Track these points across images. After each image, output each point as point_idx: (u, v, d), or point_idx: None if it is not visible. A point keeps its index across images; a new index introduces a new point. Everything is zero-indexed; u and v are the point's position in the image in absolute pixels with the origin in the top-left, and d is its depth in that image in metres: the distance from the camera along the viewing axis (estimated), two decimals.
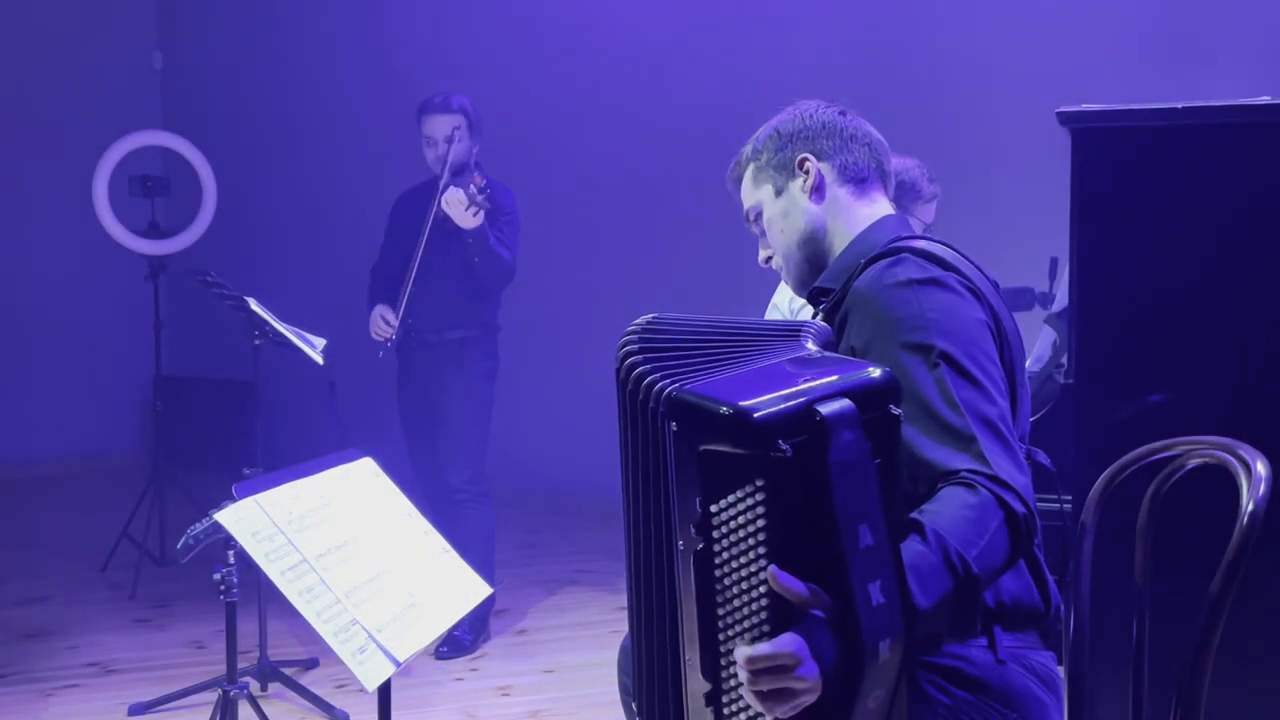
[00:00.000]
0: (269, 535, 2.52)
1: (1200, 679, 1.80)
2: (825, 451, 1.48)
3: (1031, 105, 4.40)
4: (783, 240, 2.12)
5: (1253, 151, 2.72)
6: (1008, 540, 1.67)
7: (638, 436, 1.68)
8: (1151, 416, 2.75)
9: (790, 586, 1.47)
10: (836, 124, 2.12)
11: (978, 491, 1.67)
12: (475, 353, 4.61)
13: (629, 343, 1.72)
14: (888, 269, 1.91)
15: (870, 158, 2.12)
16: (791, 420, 1.49)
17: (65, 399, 7.59)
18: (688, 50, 6.15)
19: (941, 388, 1.76)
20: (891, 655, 1.50)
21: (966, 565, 1.60)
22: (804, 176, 2.09)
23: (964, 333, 1.83)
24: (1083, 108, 2.81)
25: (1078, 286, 2.85)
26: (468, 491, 4.59)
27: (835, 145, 2.10)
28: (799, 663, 1.46)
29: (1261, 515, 1.79)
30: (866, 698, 1.50)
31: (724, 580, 1.54)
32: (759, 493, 1.49)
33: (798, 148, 2.10)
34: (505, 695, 4.23)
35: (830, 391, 1.53)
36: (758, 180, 2.14)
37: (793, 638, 1.47)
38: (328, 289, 6.84)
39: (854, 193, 2.09)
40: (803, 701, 1.48)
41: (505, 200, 4.56)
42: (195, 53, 7.93)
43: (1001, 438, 1.75)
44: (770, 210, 2.12)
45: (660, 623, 1.69)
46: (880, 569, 1.50)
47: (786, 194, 2.10)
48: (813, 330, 1.78)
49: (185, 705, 4.01)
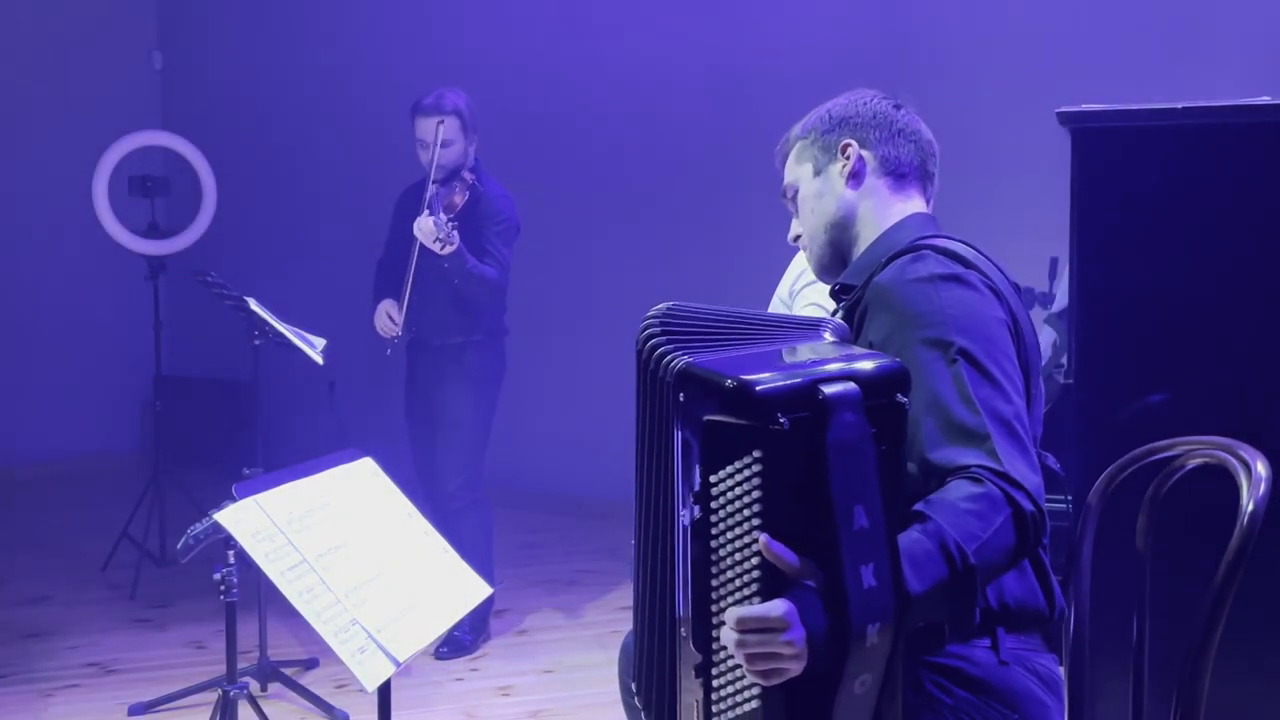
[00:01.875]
0: (269, 535, 2.52)
1: (1200, 679, 1.80)
2: (825, 430, 1.50)
3: (1031, 105, 4.40)
4: (812, 220, 2.13)
5: (1253, 151, 2.71)
6: (1013, 537, 1.67)
7: (651, 408, 1.75)
8: (1151, 416, 2.75)
9: (781, 554, 1.49)
10: (888, 116, 2.13)
11: (984, 486, 1.67)
12: (476, 357, 4.57)
13: (651, 324, 1.77)
14: (909, 264, 1.91)
15: (915, 155, 2.13)
16: (794, 396, 1.52)
17: (65, 399, 7.59)
18: (689, 49, 6.15)
19: (958, 384, 1.77)
20: (880, 640, 1.51)
21: (964, 555, 1.60)
22: (844, 161, 2.10)
23: (983, 330, 1.83)
24: (1083, 108, 2.81)
25: (1078, 286, 2.85)
26: (460, 499, 4.55)
27: (881, 136, 2.11)
28: (787, 626, 1.48)
29: (1261, 515, 1.79)
30: (852, 681, 1.51)
31: (719, 551, 1.58)
32: (756, 464, 1.52)
33: (844, 132, 2.12)
34: (505, 695, 4.23)
35: (836, 374, 1.56)
36: (800, 157, 2.16)
37: (783, 602, 1.49)
38: (328, 289, 6.84)
39: (891, 186, 2.10)
40: (789, 670, 1.50)
41: (499, 206, 4.51)
42: (195, 53, 7.93)
43: (1016, 436, 1.75)
44: (806, 188, 2.14)
45: (661, 595, 1.73)
46: (874, 552, 1.51)
47: (825, 175, 2.11)
48: (831, 325, 1.82)
49: (185, 705, 4.01)
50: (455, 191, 4.43)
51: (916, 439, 1.75)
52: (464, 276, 4.35)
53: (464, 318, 4.53)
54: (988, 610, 1.86)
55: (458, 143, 4.45)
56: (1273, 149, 2.70)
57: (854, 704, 1.53)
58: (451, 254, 4.24)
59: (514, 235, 4.57)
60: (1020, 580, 1.90)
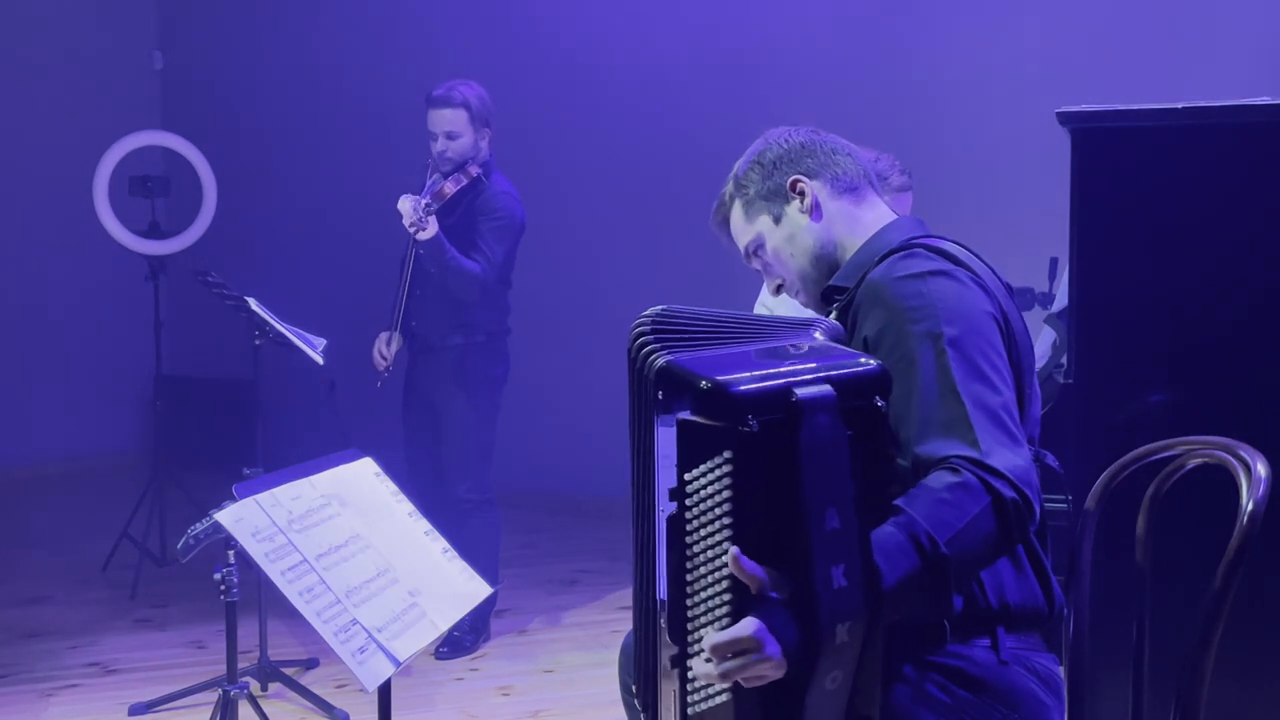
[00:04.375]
0: (269, 535, 2.52)
1: (1200, 679, 1.80)
2: (797, 432, 1.51)
3: (1031, 105, 4.40)
4: (794, 264, 2.12)
5: (1253, 151, 2.72)
6: (993, 525, 1.67)
7: (637, 405, 1.79)
8: (1151, 416, 2.75)
9: (749, 571, 1.51)
10: (814, 141, 2.14)
11: (961, 475, 1.67)
12: (478, 359, 4.55)
13: (642, 324, 1.80)
14: (900, 261, 1.93)
15: (855, 165, 2.14)
16: (766, 398, 1.53)
17: (65, 399, 7.59)
18: (694, 49, 6.15)
19: (944, 376, 1.78)
20: (851, 638, 1.52)
21: (936, 545, 1.61)
22: (798, 198, 2.10)
23: (970, 321, 1.84)
24: (1083, 108, 2.81)
25: (1078, 286, 2.86)
26: (471, 500, 4.55)
27: (820, 161, 2.12)
28: (760, 645, 1.50)
29: (1261, 515, 1.79)
30: (824, 678, 1.53)
31: (694, 547, 1.60)
32: (726, 464, 1.54)
33: (786, 171, 2.12)
34: (505, 695, 4.23)
35: (814, 376, 1.57)
36: (750, 214, 2.15)
37: (753, 621, 1.51)
38: (328, 289, 6.84)
39: (851, 202, 2.11)
40: (772, 677, 1.53)
41: (499, 203, 4.47)
42: (195, 53, 7.93)
43: (1001, 424, 1.76)
44: (774, 239, 2.13)
45: (647, 589, 1.79)
46: (845, 553, 1.52)
47: (786, 219, 2.11)
48: (823, 325, 1.84)
49: (185, 705, 4.01)
50: (448, 181, 4.42)
51: (908, 434, 1.76)
52: (441, 266, 4.33)
53: (461, 318, 4.50)
54: (988, 609, 1.87)
55: (465, 135, 4.42)
56: (1273, 149, 2.70)
57: (826, 699, 1.55)
58: (429, 241, 4.24)
59: (512, 233, 4.50)
60: (1020, 580, 1.90)
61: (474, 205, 4.47)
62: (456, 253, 4.34)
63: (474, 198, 4.47)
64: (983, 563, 1.74)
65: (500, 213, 4.47)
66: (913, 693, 1.84)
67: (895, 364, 1.78)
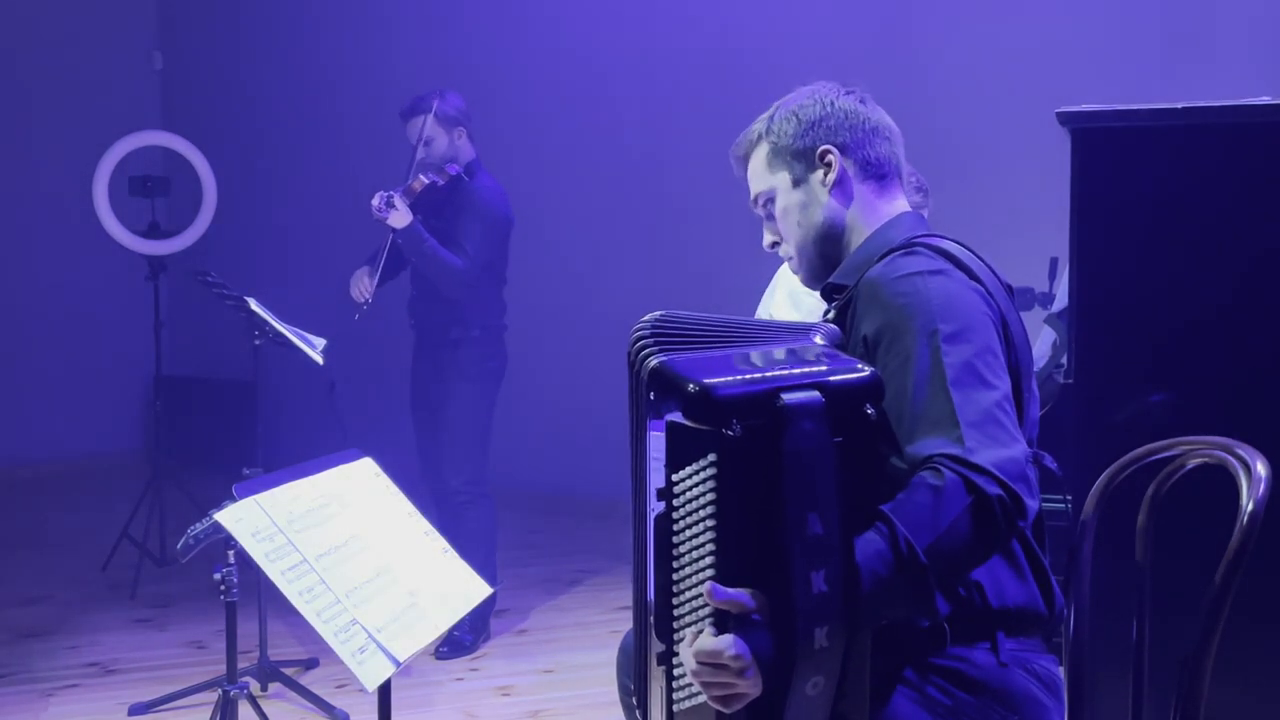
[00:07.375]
0: (269, 535, 2.52)
1: (1200, 679, 1.80)
2: (780, 437, 1.52)
3: (1031, 105, 4.40)
4: (798, 233, 2.07)
5: (1253, 151, 2.71)
6: (976, 527, 1.65)
7: (634, 405, 1.82)
8: (1151, 416, 2.75)
9: (730, 599, 1.54)
10: (859, 114, 2.06)
11: (942, 476, 1.66)
12: (473, 353, 4.59)
13: (642, 327, 1.81)
14: (899, 260, 1.92)
15: (891, 152, 2.07)
16: (752, 402, 1.54)
17: (65, 399, 7.59)
18: (691, 49, 6.15)
19: (936, 372, 1.76)
20: (831, 643, 1.53)
21: (913, 551, 1.60)
22: (825, 170, 2.04)
23: (965, 319, 1.83)
24: (1083, 108, 2.81)
25: (1078, 286, 2.85)
26: (466, 493, 4.59)
27: (859, 138, 2.05)
28: (743, 667, 1.54)
29: (1261, 515, 1.79)
30: (804, 683, 1.53)
31: (680, 547, 1.62)
32: (710, 467, 1.55)
33: (819, 137, 2.04)
34: (505, 695, 4.23)
35: (803, 382, 1.57)
36: (772, 165, 2.08)
37: (736, 642, 1.54)
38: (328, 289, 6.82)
39: (875, 190, 2.06)
40: (747, 695, 1.56)
41: (481, 198, 4.54)
42: (195, 53, 7.93)
43: (992, 419, 1.73)
44: (786, 199, 2.07)
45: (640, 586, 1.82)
46: (826, 559, 1.52)
47: (806, 186, 2.05)
48: (823, 330, 1.84)
49: (185, 705, 4.01)
50: (421, 176, 4.51)
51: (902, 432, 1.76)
52: (419, 255, 4.44)
53: (460, 311, 4.56)
54: (987, 612, 1.86)
55: (439, 138, 4.54)
56: (1273, 149, 2.70)
57: (807, 704, 1.55)
58: (405, 230, 4.38)
59: (494, 228, 4.56)
60: (1020, 582, 1.90)
61: (453, 200, 4.56)
62: (437, 244, 4.45)
63: (457, 195, 4.55)
64: (970, 563, 1.72)
65: (481, 207, 4.55)
66: (913, 695, 1.83)
67: (892, 362, 1.78)
